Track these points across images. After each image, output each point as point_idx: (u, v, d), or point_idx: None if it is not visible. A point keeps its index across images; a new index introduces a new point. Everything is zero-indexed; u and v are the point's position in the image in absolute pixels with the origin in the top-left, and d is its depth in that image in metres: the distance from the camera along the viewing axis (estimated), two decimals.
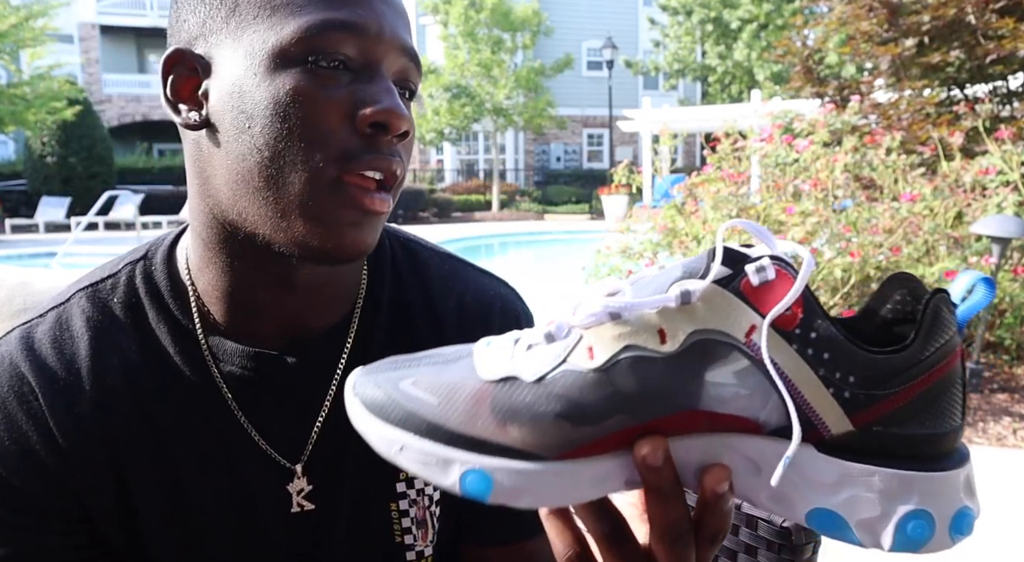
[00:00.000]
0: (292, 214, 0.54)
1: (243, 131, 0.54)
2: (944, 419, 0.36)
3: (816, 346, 0.35)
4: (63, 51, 19.10)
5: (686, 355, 0.36)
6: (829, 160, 4.34)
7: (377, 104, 0.54)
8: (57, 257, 10.00)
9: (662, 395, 0.36)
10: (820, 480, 0.36)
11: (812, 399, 0.35)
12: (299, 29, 0.53)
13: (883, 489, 0.35)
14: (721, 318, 0.36)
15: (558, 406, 0.36)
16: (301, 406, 0.64)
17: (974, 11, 5.21)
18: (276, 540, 0.63)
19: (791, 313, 0.35)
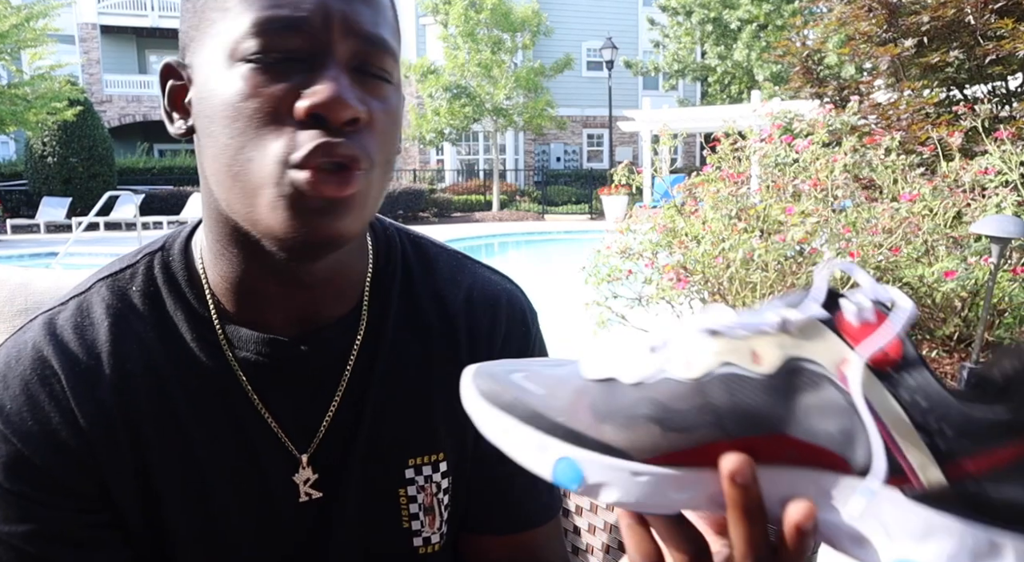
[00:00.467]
0: (261, 208, 0.55)
1: (210, 134, 0.56)
2: None
3: (912, 391, 0.35)
4: (64, 51, 19.10)
5: (779, 379, 0.37)
6: (829, 160, 4.34)
7: (313, 95, 0.53)
8: (58, 257, 10.00)
9: (753, 414, 0.37)
10: (906, 528, 0.35)
11: (903, 444, 0.35)
12: (244, 27, 0.54)
13: (974, 548, 0.34)
14: (815, 348, 0.36)
15: (651, 410, 0.38)
16: (314, 393, 0.66)
17: (973, 12, 5.21)
18: (287, 524, 0.65)
19: (888, 355, 0.35)
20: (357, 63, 0.56)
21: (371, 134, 0.56)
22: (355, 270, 0.67)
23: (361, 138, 0.55)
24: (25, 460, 0.58)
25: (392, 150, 0.60)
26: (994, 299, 4.15)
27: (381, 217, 0.75)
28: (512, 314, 0.74)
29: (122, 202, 14.43)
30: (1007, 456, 0.34)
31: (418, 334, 0.69)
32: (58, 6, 14.68)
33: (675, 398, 0.38)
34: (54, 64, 15.16)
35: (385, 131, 0.58)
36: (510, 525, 0.73)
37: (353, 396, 0.66)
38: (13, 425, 0.58)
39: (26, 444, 0.58)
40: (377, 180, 0.58)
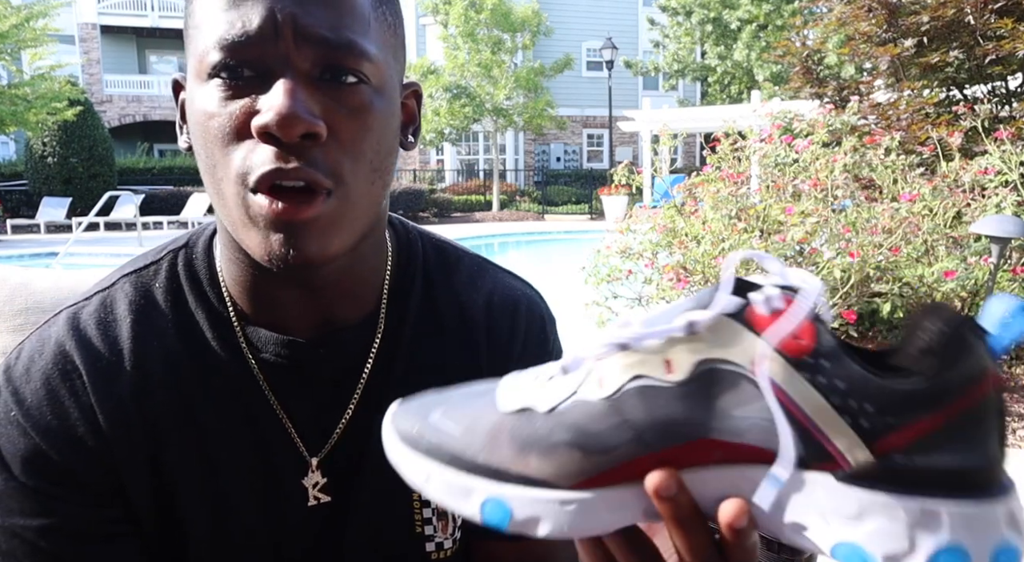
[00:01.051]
0: (237, 227, 0.55)
1: (196, 153, 0.57)
2: (977, 450, 0.34)
3: (829, 375, 0.34)
4: (64, 52, 19.10)
5: (693, 384, 0.36)
6: (828, 160, 4.34)
7: (264, 114, 0.51)
8: (58, 257, 10.00)
9: (672, 424, 0.36)
10: (841, 511, 0.35)
11: (827, 429, 0.34)
12: (208, 44, 0.54)
13: (909, 521, 0.34)
14: (727, 347, 0.35)
15: (569, 436, 0.37)
16: (331, 396, 0.66)
17: (973, 12, 5.21)
18: (297, 527, 0.65)
19: (804, 344, 0.35)
20: (320, 70, 0.54)
21: (336, 147, 0.54)
22: (370, 274, 0.67)
23: (323, 154, 0.53)
24: (43, 454, 0.58)
25: (376, 157, 0.57)
26: None
27: (404, 220, 0.75)
28: (531, 321, 0.74)
29: (122, 202, 14.43)
30: (929, 425, 0.34)
31: (437, 339, 0.69)
32: (58, 6, 14.68)
33: (591, 420, 0.37)
34: (54, 64, 15.16)
35: (357, 140, 0.55)
36: None
37: (370, 399, 0.66)
38: (33, 419, 0.58)
39: (45, 439, 0.58)
40: (358, 196, 0.56)
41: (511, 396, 0.39)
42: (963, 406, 0.34)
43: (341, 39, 0.54)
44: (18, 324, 0.94)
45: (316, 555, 0.66)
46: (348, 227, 0.57)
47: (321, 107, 0.53)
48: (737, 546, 0.37)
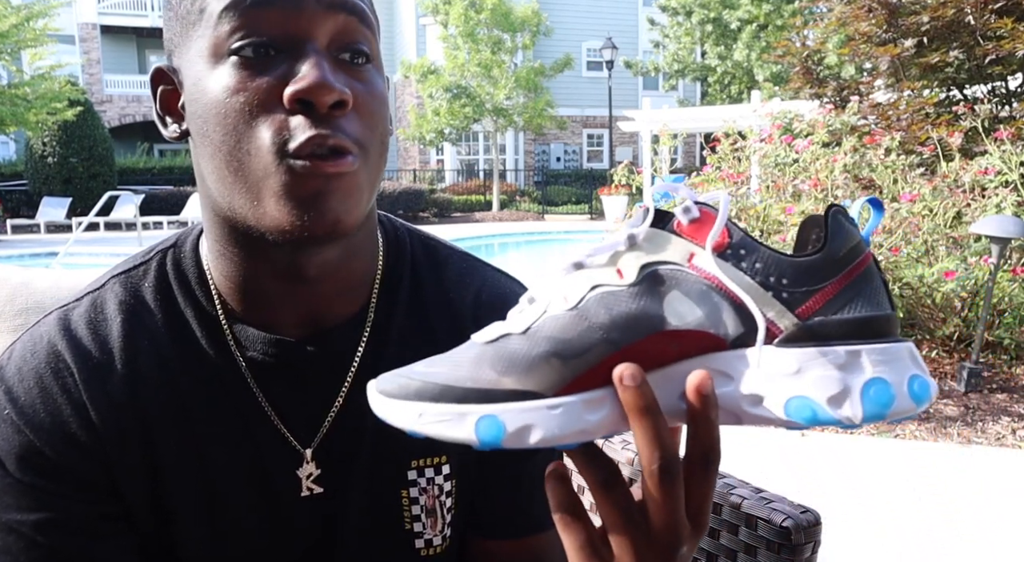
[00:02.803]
0: (264, 200, 0.55)
1: (205, 134, 0.57)
2: (875, 305, 0.42)
3: (748, 260, 0.41)
4: (64, 51, 19.10)
5: (644, 284, 0.42)
6: (828, 160, 4.34)
7: (298, 81, 0.53)
8: (58, 257, 10.01)
9: (631, 319, 0.42)
10: (785, 371, 0.41)
11: (758, 303, 0.41)
12: (219, 22, 0.54)
13: (840, 364, 0.40)
14: (664, 252, 0.43)
15: (546, 347, 0.42)
16: (319, 392, 0.66)
17: (973, 12, 5.21)
18: (290, 521, 0.65)
19: (721, 239, 0.42)
20: (337, 45, 0.56)
21: (358, 118, 0.56)
22: (361, 269, 0.67)
23: (349, 123, 0.55)
24: (37, 451, 0.58)
25: (383, 132, 0.60)
26: (994, 299, 4.15)
27: (393, 218, 0.76)
28: None
29: (122, 202, 14.43)
30: (833, 289, 0.41)
31: (424, 336, 0.69)
32: (58, 6, 14.68)
33: (563, 329, 0.42)
34: (54, 64, 15.16)
35: (372, 113, 0.58)
36: (517, 529, 0.72)
37: (357, 396, 0.66)
38: (26, 417, 0.59)
39: (38, 436, 0.58)
40: (372, 164, 0.58)
41: (485, 333, 0.44)
42: (855, 272, 0.42)
43: (356, 6, 0.57)
44: (18, 324, 0.94)
45: (309, 551, 0.66)
46: (366, 195, 0.59)
47: (344, 81, 0.55)
48: (702, 419, 0.41)
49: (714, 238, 0.41)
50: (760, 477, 2.95)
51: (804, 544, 0.79)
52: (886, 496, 2.88)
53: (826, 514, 0.88)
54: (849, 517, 2.71)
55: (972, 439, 3.42)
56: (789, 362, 0.40)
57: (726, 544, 0.84)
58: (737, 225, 0.42)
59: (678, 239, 0.42)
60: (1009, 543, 2.52)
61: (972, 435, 3.46)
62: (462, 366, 0.43)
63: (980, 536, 2.56)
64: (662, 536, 0.43)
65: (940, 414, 3.70)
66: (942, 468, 3.13)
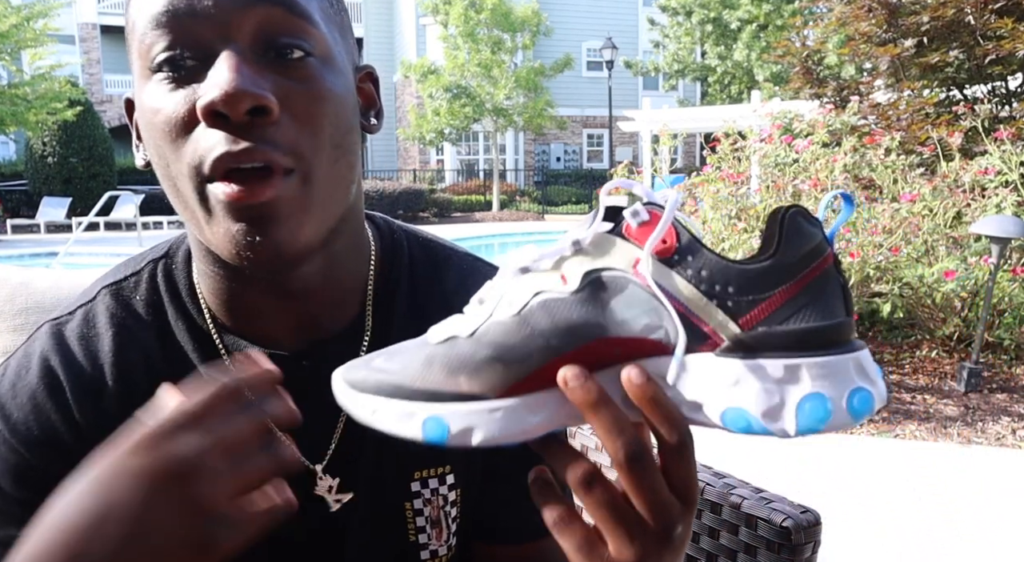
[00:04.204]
0: (203, 227, 0.53)
1: (151, 159, 0.55)
2: (826, 314, 0.41)
3: (694, 267, 0.41)
4: (64, 51, 19.09)
5: (587, 291, 0.42)
6: (828, 160, 4.34)
7: (208, 90, 0.48)
8: (58, 257, 10.00)
9: (574, 327, 0.41)
10: (722, 381, 0.40)
11: (700, 312, 0.40)
12: (143, 39, 0.52)
13: (777, 378, 0.40)
14: (609, 257, 0.42)
15: (490, 351, 0.42)
16: (320, 407, 0.64)
17: (973, 11, 5.21)
18: (297, 538, 0.64)
19: (668, 245, 0.41)
20: (263, 43, 0.51)
21: (294, 123, 0.51)
22: (350, 277, 0.65)
23: (280, 131, 0.50)
24: (33, 468, 0.58)
25: (336, 133, 0.53)
26: (994, 299, 4.15)
27: (389, 219, 0.73)
28: None
29: (122, 202, 14.43)
30: (781, 297, 0.40)
31: None
32: (58, 6, 14.67)
33: (507, 335, 0.42)
34: (54, 64, 15.15)
35: (315, 115, 0.52)
36: (522, 534, 0.71)
37: None
38: (20, 435, 0.58)
39: (33, 454, 0.58)
40: (323, 174, 0.53)
41: (439, 331, 0.45)
42: (808, 278, 0.40)
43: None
44: (18, 324, 0.94)
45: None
46: (317, 211, 0.53)
47: (270, 83, 0.49)
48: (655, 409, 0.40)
49: (653, 243, 0.40)
50: (760, 477, 2.95)
51: (804, 544, 0.79)
52: (886, 496, 2.88)
53: (826, 514, 0.88)
54: (849, 517, 2.71)
55: (972, 439, 3.42)
56: (727, 373, 0.40)
57: (726, 544, 0.84)
58: (688, 227, 0.42)
59: (624, 243, 0.42)
60: (1009, 543, 2.52)
61: (972, 435, 3.46)
62: (414, 366, 0.43)
63: (980, 536, 2.56)
64: (653, 520, 0.43)
65: (940, 414, 3.70)
66: (942, 468, 3.13)
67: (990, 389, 4.01)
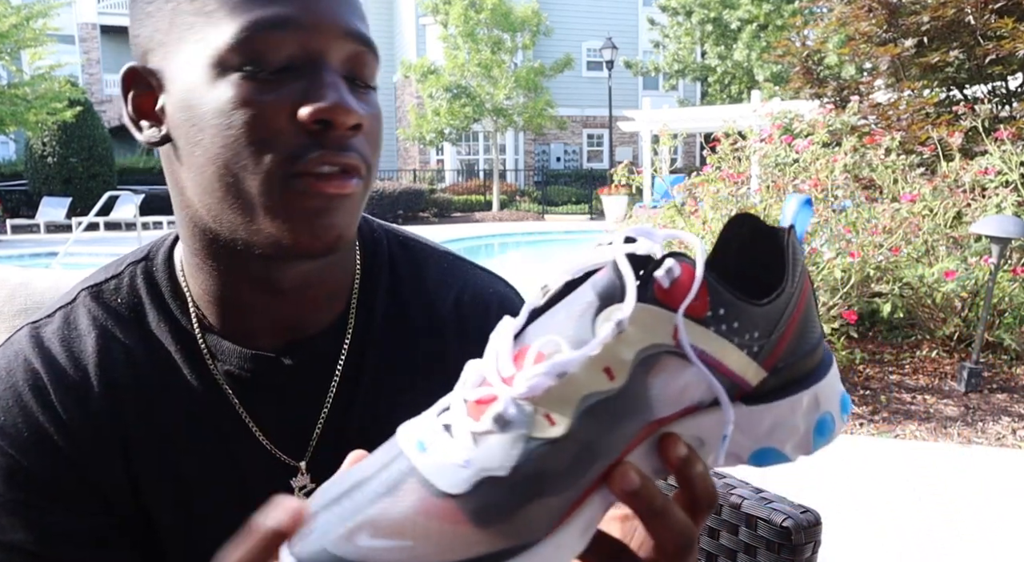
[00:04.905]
0: (258, 216, 0.54)
1: (196, 144, 0.54)
2: (815, 330, 0.40)
3: (727, 321, 0.37)
4: (64, 51, 19.10)
5: (633, 380, 0.35)
6: (828, 160, 4.34)
7: (319, 101, 0.52)
8: (58, 257, 10.00)
9: (624, 427, 0.36)
10: (758, 430, 0.39)
11: (734, 365, 0.37)
12: (231, 35, 0.52)
13: (803, 410, 0.39)
14: (652, 332, 0.35)
15: (540, 487, 0.34)
16: (302, 405, 0.65)
17: (973, 11, 5.21)
18: None
19: (701, 301, 0.36)
20: (348, 71, 0.56)
21: (366, 140, 0.57)
22: (339, 277, 0.66)
23: (361, 144, 0.56)
24: (24, 470, 0.57)
25: (380, 153, 0.61)
26: (994, 299, 4.15)
27: (370, 218, 0.74)
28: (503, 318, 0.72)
29: (122, 202, 14.42)
30: (790, 330, 0.39)
31: (405, 340, 0.68)
32: (58, 6, 14.68)
33: (555, 461, 0.34)
34: (54, 64, 15.16)
35: (376, 137, 0.59)
36: None
37: (341, 405, 0.65)
38: (9, 437, 0.58)
39: (24, 455, 0.57)
40: (370, 184, 0.59)
41: (449, 473, 0.34)
42: (803, 301, 0.39)
43: (366, 38, 0.57)
44: (17, 324, 0.94)
45: None
46: (359, 216, 0.59)
47: (356, 104, 0.55)
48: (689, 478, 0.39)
49: (689, 302, 0.35)
50: (760, 477, 2.95)
51: (804, 544, 0.79)
52: (886, 496, 2.88)
53: (826, 514, 0.88)
54: (849, 517, 2.71)
55: (972, 439, 3.42)
56: (762, 420, 0.39)
57: (726, 544, 0.84)
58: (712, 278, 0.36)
59: (660, 311, 0.35)
60: (1009, 543, 2.52)
61: (972, 435, 3.46)
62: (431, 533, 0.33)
63: (980, 536, 2.56)
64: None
65: (940, 414, 3.70)
66: (942, 468, 3.13)
67: (990, 389, 4.01)
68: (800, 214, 0.40)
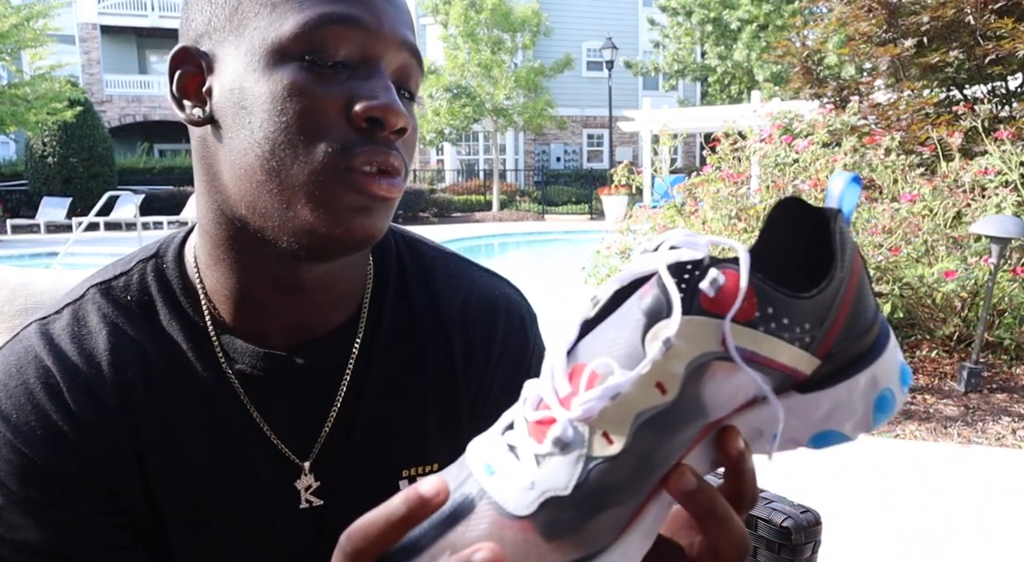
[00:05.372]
0: (298, 203, 0.55)
1: (243, 126, 0.55)
2: (869, 310, 0.40)
3: (776, 318, 0.37)
4: (64, 51, 19.10)
5: (685, 393, 0.36)
6: (828, 160, 4.34)
7: (372, 99, 0.54)
8: (58, 257, 10.01)
9: (679, 435, 0.37)
10: (814, 416, 0.40)
11: (786, 359, 0.38)
12: (296, 25, 0.53)
13: (860, 390, 0.40)
14: (700, 343, 0.36)
15: (603, 500, 0.36)
16: (312, 405, 0.65)
17: (973, 12, 5.21)
18: (284, 535, 0.64)
19: (748, 304, 0.36)
20: (398, 76, 0.59)
21: (407, 145, 0.59)
22: (354, 278, 0.66)
23: (403, 148, 0.58)
24: (37, 467, 0.57)
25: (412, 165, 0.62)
26: (994, 299, 4.15)
27: None
28: (510, 322, 0.73)
29: (122, 202, 14.43)
30: (842, 317, 0.39)
31: (413, 343, 0.68)
32: (58, 6, 14.68)
33: (616, 475, 0.36)
34: (54, 64, 15.16)
35: (412, 146, 0.60)
36: None
37: (349, 406, 0.65)
38: (23, 435, 0.57)
39: (36, 452, 0.57)
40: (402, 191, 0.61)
41: (518, 495, 0.36)
42: (854, 285, 0.39)
43: (415, 49, 0.60)
44: (17, 324, 0.94)
45: (302, 559, 0.65)
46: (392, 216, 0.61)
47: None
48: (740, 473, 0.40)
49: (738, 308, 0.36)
50: (760, 477, 2.94)
51: (804, 544, 0.79)
52: (886, 496, 2.88)
53: (826, 514, 0.88)
54: (849, 517, 2.71)
55: (972, 439, 3.42)
56: (818, 406, 0.40)
57: None
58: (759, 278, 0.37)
59: (707, 320, 0.36)
60: (1009, 543, 2.52)
61: (972, 435, 3.46)
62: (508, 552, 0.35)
63: (980, 536, 2.56)
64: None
65: (940, 414, 3.70)
66: (942, 468, 3.13)
67: (990, 389, 4.01)
68: (847, 193, 0.40)
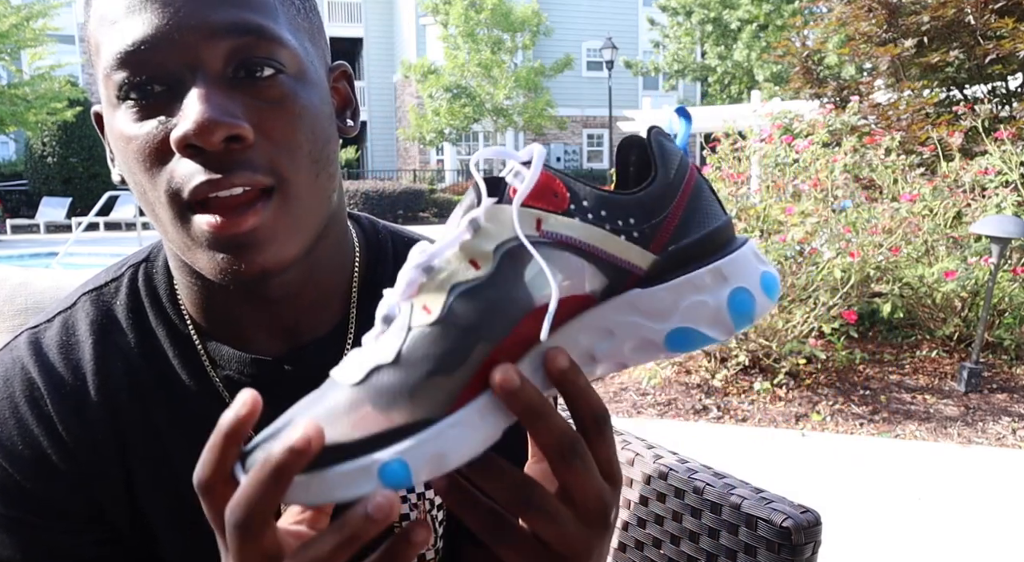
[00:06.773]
0: (183, 248, 0.53)
1: (126, 179, 0.55)
2: (713, 216, 0.43)
3: (593, 210, 0.40)
4: (64, 51, 19.09)
5: (501, 268, 0.39)
6: (828, 160, 4.34)
7: (180, 125, 0.48)
8: (58, 257, 9.99)
9: (500, 311, 0.39)
10: (660, 309, 0.41)
11: (614, 250, 0.40)
12: (104, 75, 0.51)
13: (705, 285, 0.41)
14: (510, 226, 0.40)
15: (426, 366, 0.38)
16: None
17: (973, 11, 5.21)
18: None
19: (560, 196, 0.40)
20: (233, 68, 0.50)
21: (270, 144, 0.50)
22: (332, 280, 0.64)
23: (256, 154, 0.50)
24: (18, 485, 0.57)
25: (314, 148, 0.53)
26: (994, 299, 4.15)
27: (374, 219, 0.72)
28: None
29: (122, 202, 14.43)
30: (675, 214, 0.42)
31: None
32: (58, 6, 14.68)
33: (436, 342, 0.38)
34: (54, 64, 15.16)
35: (291, 132, 0.51)
36: None
37: None
38: (5, 450, 0.57)
39: (18, 469, 0.57)
40: (304, 189, 0.53)
41: (352, 370, 0.40)
42: (688, 190, 0.42)
43: (249, 25, 0.50)
44: (18, 324, 0.94)
45: None
46: (300, 228, 0.53)
47: (242, 107, 0.49)
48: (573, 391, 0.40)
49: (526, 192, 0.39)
50: (760, 477, 2.95)
51: (804, 544, 0.79)
52: (886, 496, 2.88)
53: (826, 514, 0.88)
54: (849, 517, 2.71)
55: (972, 439, 3.42)
56: (661, 299, 0.41)
57: (726, 544, 0.84)
58: (568, 176, 0.41)
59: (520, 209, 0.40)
60: (1009, 543, 2.52)
61: (972, 435, 3.46)
62: (340, 419, 0.38)
63: (980, 536, 2.56)
64: (593, 510, 0.42)
65: (940, 414, 3.70)
66: (942, 468, 3.13)
67: (990, 389, 4.01)
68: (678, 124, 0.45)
